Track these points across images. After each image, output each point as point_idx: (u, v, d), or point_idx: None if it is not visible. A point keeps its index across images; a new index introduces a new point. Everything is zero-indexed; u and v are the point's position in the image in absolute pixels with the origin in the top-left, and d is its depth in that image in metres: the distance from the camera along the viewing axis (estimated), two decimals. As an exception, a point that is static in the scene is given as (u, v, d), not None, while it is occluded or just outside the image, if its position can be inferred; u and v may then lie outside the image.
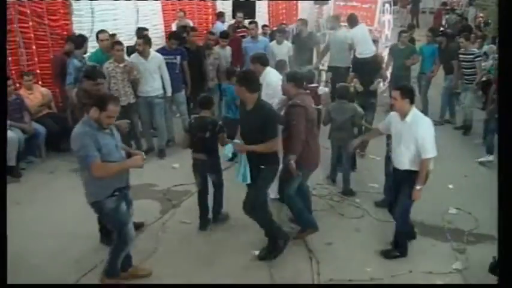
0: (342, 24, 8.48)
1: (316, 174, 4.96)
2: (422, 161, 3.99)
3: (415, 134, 3.96)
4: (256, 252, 4.30)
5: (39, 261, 4.27)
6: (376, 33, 9.57)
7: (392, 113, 4.32)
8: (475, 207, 5.14)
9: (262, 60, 5.18)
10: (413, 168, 4.06)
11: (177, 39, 6.98)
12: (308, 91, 4.92)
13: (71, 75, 6.20)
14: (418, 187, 4.03)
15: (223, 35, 7.94)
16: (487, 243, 4.53)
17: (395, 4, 13.49)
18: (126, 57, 6.52)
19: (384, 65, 8.37)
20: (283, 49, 8.00)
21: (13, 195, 5.50)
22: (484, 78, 8.56)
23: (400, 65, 8.09)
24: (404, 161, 4.09)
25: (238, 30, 9.33)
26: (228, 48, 7.95)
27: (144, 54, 6.38)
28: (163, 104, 6.75)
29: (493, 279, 3.43)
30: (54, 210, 5.18)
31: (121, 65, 6.19)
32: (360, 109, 5.62)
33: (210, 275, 4.03)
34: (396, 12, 14.46)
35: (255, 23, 8.42)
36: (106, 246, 4.07)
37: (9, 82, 6.20)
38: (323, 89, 6.63)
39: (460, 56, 7.59)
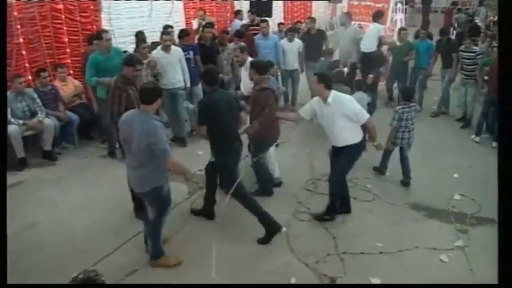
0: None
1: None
2: (365, 125, 4.65)
3: (342, 111, 4.52)
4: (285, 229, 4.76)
5: (79, 231, 4.77)
6: (388, 31, 9.99)
7: (314, 100, 4.86)
8: (478, 194, 5.52)
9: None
10: (351, 143, 4.66)
11: (187, 35, 7.46)
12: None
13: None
14: (375, 143, 4.81)
15: (238, 34, 8.28)
16: (487, 225, 4.92)
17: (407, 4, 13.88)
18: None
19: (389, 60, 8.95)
20: (294, 46, 8.44)
21: (51, 176, 6.09)
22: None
23: (400, 61, 8.65)
24: (343, 138, 4.66)
25: (251, 27, 9.76)
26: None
27: (167, 49, 6.81)
28: (185, 95, 7.22)
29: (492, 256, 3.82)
30: (91, 189, 5.70)
31: (145, 61, 6.49)
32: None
33: (233, 251, 4.46)
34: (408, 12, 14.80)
35: (266, 21, 8.80)
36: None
37: (45, 74, 6.72)
38: None
39: (462, 53, 7.98)
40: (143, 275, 4.12)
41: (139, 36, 7.65)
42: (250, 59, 6.03)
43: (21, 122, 6.22)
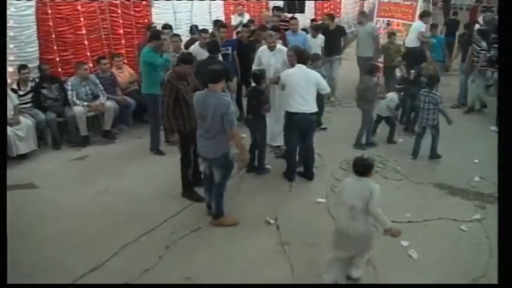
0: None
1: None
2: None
3: (311, 81, 5.69)
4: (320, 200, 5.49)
5: (146, 196, 5.57)
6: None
7: (286, 72, 5.94)
8: (495, 177, 6.10)
9: None
10: (313, 111, 5.73)
11: (222, 26, 7.97)
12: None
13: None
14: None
15: (273, 29, 8.79)
16: (504, 203, 5.54)
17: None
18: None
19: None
20: (318, 41, 8.96)
21: (113, 152, 6.90)
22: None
23: None
24: (307, 106, 5.67)
25: (281, 23, 10.29)
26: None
27: (205, 46, 7.04)
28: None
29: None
30: (148, 164, 6.49)
31: (177, 55, 6.63)
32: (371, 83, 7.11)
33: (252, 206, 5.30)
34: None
35: (295, 18, 9.26)
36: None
37: (105, 61, 7.50)
38: None
39: (475, 46, 8.63)
40: (206, 231, 4.88)
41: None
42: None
43: (85, 103, 7.03)
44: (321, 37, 9.09)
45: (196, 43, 7.51)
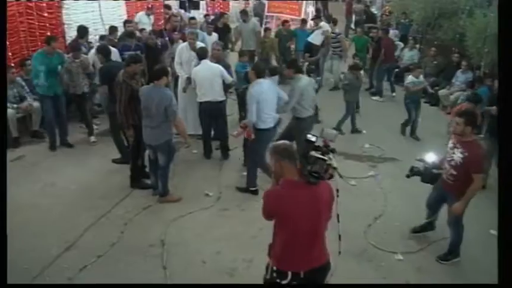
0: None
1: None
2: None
3: (216, 73, 6.66)
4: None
5: (94, 185, 6.22)
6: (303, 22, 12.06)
7: (193, 70, 6.85)
8: (381, 142, 7.72)
9: None
10: (220, 99, 6.78)
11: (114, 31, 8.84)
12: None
13: None
14: None
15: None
16: (389, 161, 7.17)
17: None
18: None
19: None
20: (213, 39, 9.41)
21: (47, 150, 7.37)
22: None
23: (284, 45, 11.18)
24: (214, 95, 6.69)
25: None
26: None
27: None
28: None
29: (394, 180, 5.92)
30: (87, 158, 7.08)
31: (77, 60, 7.33)
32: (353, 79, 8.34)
33: (215, 184, 6.24)
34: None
35: (195, 18, 10.26)
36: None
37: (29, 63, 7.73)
38: None
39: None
40: (155, 208, 5.72)
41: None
42: None
43: (15, 106, 7.33)
44: (215, 35, 9.90)
45: (92, 50, 7.91)
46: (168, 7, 11.89)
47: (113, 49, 7.41)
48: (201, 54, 6.94)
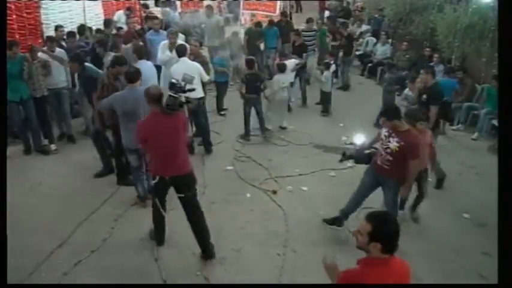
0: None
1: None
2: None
3: (194, 71, 6.50)
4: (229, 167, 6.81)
5: (80, 185, 6.35)
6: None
7: (172, 67, 6.90)
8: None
9: None
10: (198, 96, 6.81)
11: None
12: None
13: None
14: None
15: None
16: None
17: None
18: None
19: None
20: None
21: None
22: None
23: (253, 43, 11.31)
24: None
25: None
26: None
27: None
28: (68, 94, 8.05)
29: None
30: (69, 158, 7.18)
31: (35, 61, 7.17)
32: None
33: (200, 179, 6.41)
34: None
35: (158, 18, 10.14)
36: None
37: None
38: None
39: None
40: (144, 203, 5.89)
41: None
42: None
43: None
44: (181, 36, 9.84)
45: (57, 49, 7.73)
46: (145, 6, 11.95)
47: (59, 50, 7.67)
48: (180, 52, 7.08)
